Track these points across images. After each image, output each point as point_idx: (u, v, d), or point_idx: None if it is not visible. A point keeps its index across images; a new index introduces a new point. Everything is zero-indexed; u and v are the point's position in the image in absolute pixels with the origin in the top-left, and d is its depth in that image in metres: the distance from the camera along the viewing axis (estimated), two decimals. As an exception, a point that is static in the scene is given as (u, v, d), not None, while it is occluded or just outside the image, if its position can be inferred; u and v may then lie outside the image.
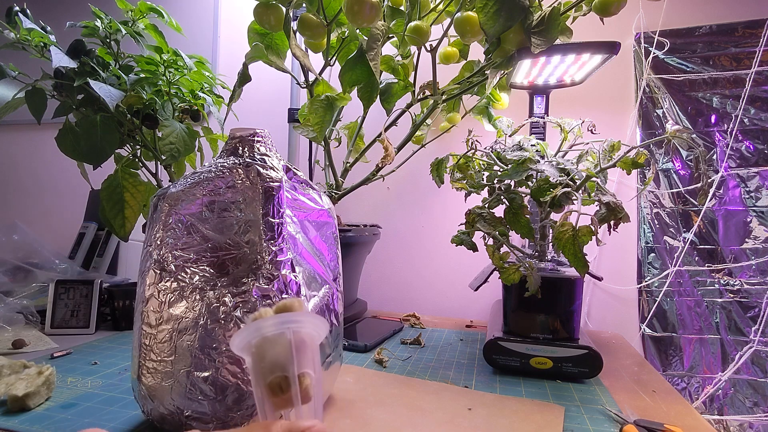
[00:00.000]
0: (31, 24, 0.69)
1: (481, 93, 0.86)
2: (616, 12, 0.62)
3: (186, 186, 0.43)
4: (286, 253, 0.41)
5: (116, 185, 0.75)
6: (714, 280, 0.89)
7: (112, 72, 0.74)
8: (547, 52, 0.66)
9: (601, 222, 0.54)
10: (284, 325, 0.20)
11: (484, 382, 0.58)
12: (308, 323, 0.21)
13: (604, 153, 0.60)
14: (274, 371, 0.20)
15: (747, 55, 0.89)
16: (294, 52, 0.67)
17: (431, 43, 0.72)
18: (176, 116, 0.82)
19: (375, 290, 1.09)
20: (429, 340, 0.77)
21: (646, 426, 0.46)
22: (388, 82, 0.82)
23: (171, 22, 0.80)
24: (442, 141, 0.99)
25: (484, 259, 0.64)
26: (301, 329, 0.21)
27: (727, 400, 0.86)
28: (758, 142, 0.88)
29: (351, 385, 0.55)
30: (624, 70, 0.96)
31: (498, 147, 0.67)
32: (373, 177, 0.85)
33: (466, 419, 0.47)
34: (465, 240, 0.64)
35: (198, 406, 0.38)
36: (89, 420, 0.45)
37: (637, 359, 0.71)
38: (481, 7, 0.61)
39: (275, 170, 0.43)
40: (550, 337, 0.60)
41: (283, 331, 0.20)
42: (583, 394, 0.55)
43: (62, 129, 0.71)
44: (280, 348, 0.20)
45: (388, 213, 1.10)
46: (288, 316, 0.21)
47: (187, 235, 0.42)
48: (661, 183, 0.93)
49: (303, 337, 0.21)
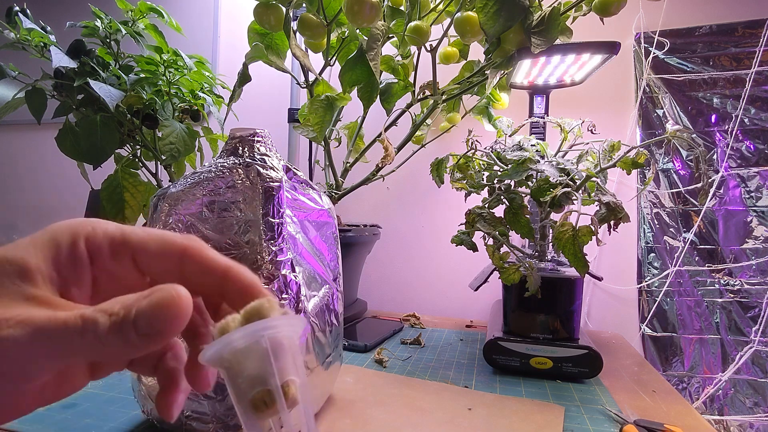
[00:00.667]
0: (31, 24, 0.69)
1: (481, 93, 0.86)
2: (616, 12, 0.62)
3: (186, 186, 0.43)
4: (286, 253, 0.41)
5: (116, 185, 0.75)
6: (714, 280, 0.89)
7: (112, 72, 0.74)
8: (547, 52, 0.66)
9: (601, 222, 0.54)
10: (258, 334, 0.18)
11: (484, 382, 0.58)
12: (283, 326, 0.19)
13: (604, 153, 0.60)
14: (255, 386, 0.18)
15: (747, 55, 0.89)
16: (294, 52, 0.67)
17: (431, 43, 0.72)
18: (176, 116, 0.82)
19: (375, 290, 1.09)
20: (429, 340, 0.77)
21: (646, 426, 0.46)
22: (388, 82, 0.82)
23: (171, 22, 0.80)
24: (442, 141, 0.99)
25: (484, 259, 0.64)
26: (276, 334, 0.18)
27: (728, 401, 0.86)
28: (758, 141, 0.88)
29: (351, 385, 0.55)
30: (624, 70, 0.96)
31: (498, 147, 0.67)
32: (373, 177, 0.85)
33: (466, 419, 0.47)
34: (465, 240, 0.64)
35: (198, 406, 0.38)
36: (89, 420, 0.45)
37: (637, 359, 0.71)
38: (481, 7, 0.61)
39: (275, 170, 0.43)
40: (550, 337, 0.60)
41: (257, 339, 0.18)
42: (583, 394, 0.55)
43: (62, 129, 0.71)
44: (257, 360, 0.18)
45: (388, 213, 1.10)
46: (260, 324, 0.18)
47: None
48: (661, 183, 0.93)
49: (281, 341, 0.19)
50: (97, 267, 0.21)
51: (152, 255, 0.21)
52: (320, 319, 0.43)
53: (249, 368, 0.18)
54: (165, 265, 0.21)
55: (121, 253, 0.21)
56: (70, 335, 0.17)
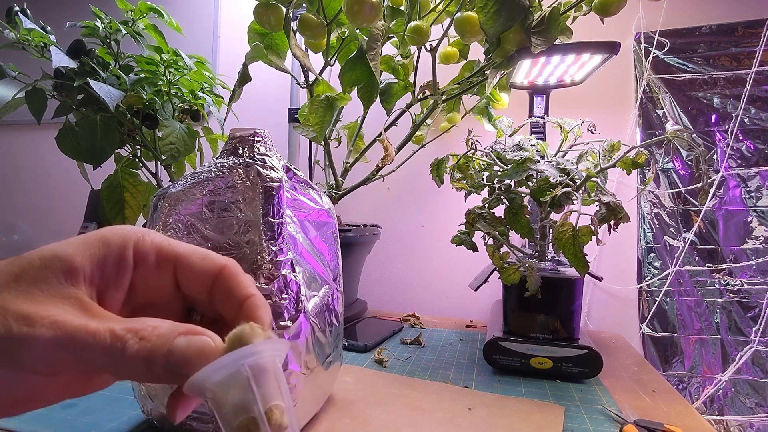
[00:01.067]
0: (31, 24, 0.69)
1: (481, 93, 0.86)
2: (616, 12, 0.62)
3: (186, 186, 0.43)
4: (286, 253, 0.41)
5: (116, 185, 0.75)
6: (714, 280, 0.89)
7: (112, 72, 0.74)
8: (547, 52, 0.66)
9: (601, 222, 0.54)
10: (237, 363, 0.18)
11: (484, 382, 0.58)
12: (264, 351, 0.19)
13: (604, 153, 0.60)
14: (239, 415, 0.18)
15: (747, 55, 0.89)
16: (294, 52, 0.67)
17: (431, 43, 0.72)
18: (176, 116, 0.82)
19: (375, 290, 1.09)
20: (429, 340, 0.77)
21: (646, 426, 0.46)
22: (388, 82, 0.82)
23: (171, 22, 0.80)
24: (442, 141, 0.99)
25: (484, 259, 0.64)
26: (258, 360, 0.18)
27: (728, 401, 0.86)
28: (759, 141, 0.88)
29: (351, 385, 0.55)
30: (624, 70, 0.96)
31: (498, 147, 0.67)
32: (373, 177, 0.85)
33: (466, 419, 0.47)
34: (465, 240, 0.64)
35: (198, 407, 0.38)
36: (89, 420, 0.45)
37: (637, 359, 0.71)
38: (481, 7, 0.61)
39: (275, 170, 0.43)
40: (550, 337, 0.60)
41: (237, 368, 0.18)
42: (583, 394, 0.55)
43: (62, 129, 0.71)
44: (239, 389, 0.18)
45: (388, 213, 1.10)
46: (240, 352, 0.18)
47: (187, 235, 0.42)
48: (661, 183, 0.93)
49: (264, 366, 0.19)
50: (139, 273, 0.21)
51: (194, 269, 0.22)
52: (320, 319, 0.43)
53: (232, 397, 0.18)
54: (201, 280, 0.22)
55: (166, 263, 0.22)
56: (97, 349, 0.17)
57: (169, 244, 0.22)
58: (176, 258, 0.22)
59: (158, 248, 0.22)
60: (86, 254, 0.20)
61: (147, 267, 0.21)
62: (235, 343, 0.19)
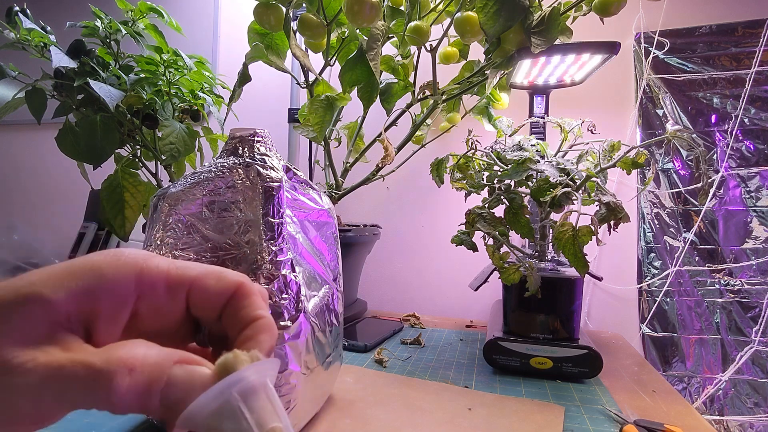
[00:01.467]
0: (31, 24, 0.69)
1: (481, 93, 0.86)
2: (616, 12, 0.62)
3: (186, 186, 0.43)
4: (286, 253, 0.41)
5: (116, 185, 0.75)
6: (714, 280, 0.89)
7: (112, 72, 0.74)
8: (547, 52, 0.66)
9: (601, 222, 0.54)
10: (225, 393, 0.18)
11: (484, 382, 0.58)
12: (251, 375, 0.18)
13: (604, 153, 0.60)
14: None
15: (747, 55, 0.89)
16: (294, 52, 0.67)
17: (431, 43, 0.72)
18: (176, 116, 0.82)
19: (375, 290, 1.09)
20: (429, 340, 0.77)
21: (646, 426, 0.46)
22: (388, 82, 0.82)
23: (171, 22, 0.80)
24: (442, 141, 0.99)
25: (484, 259, 0.64)
26: (246, 386, 0.18)
27: (728, 401, 0.86)
28: (758, 141, 0.88)
29: (351, 385, 0.55)
30: (624, 70, 0.96)
31: (498, 147, 0.67)
32: (373, 177, 0.85)
33: (466, 419, 0.47)
34: (465, 240, 0.64)
35: None
36: (89, 420, 0.45)
37: (637, 359, 0.71)
38: (481, 7, 0.61)
39: (275, 170, 0.43)
40: (550, 337, 0.60)
41: (226, 398, 0.18)
42: (583, 394, 0.55)
43: (62, 129, 0.71)
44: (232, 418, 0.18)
45: (388, 213, 1.10)
46: (226, 381, 0.18)
47: (187, 235, 0.42)
48: (661, 183, 0.93)
49: (254, 389, 0.18)
50: (145, 302, 0.20)
51: (209, 292, 0.21)
52: (320, 319, 0.43)
53: (227, 427, 0.18)
54: (214, 301, 0.21)
55: (177, 289, 0.21)
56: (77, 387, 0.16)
57: (177, 268, 0.21)
58: (190, 283, 0.21)
59: (167, 276, 0.20)
60: (69, 287, 0.18)
61: (156, 296, 0.20)
62: (222, 372, 0.18)
